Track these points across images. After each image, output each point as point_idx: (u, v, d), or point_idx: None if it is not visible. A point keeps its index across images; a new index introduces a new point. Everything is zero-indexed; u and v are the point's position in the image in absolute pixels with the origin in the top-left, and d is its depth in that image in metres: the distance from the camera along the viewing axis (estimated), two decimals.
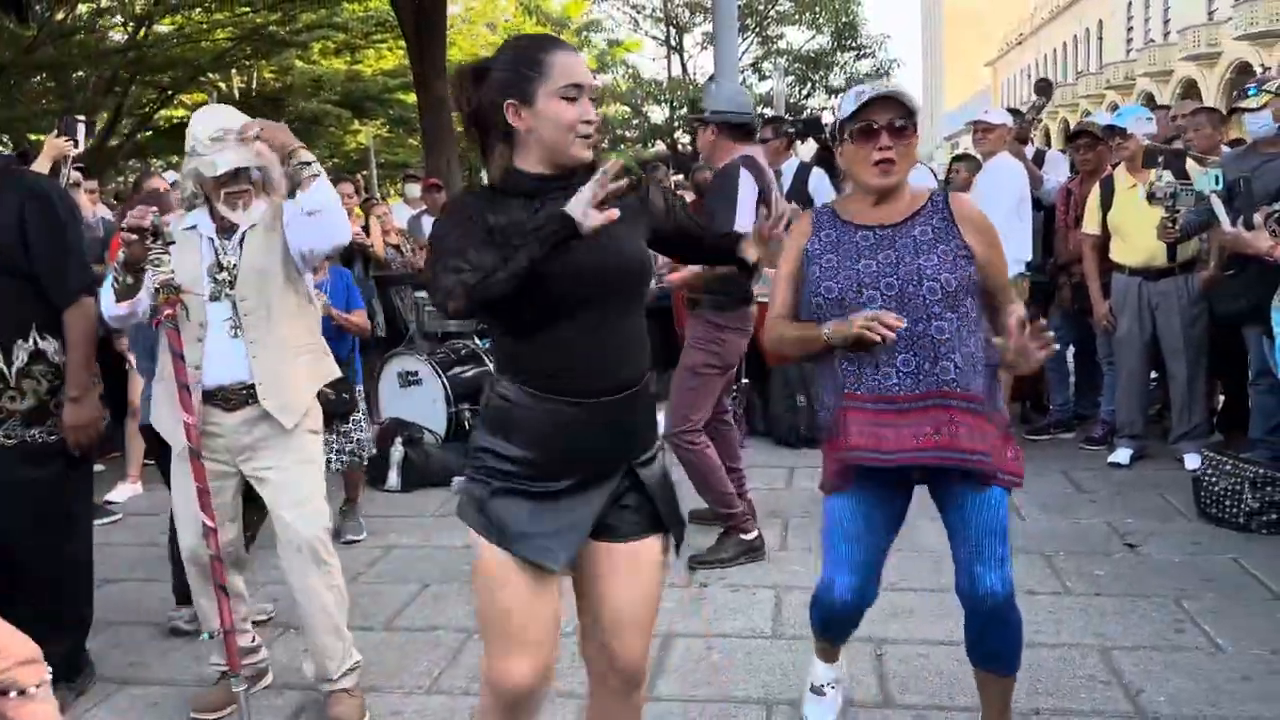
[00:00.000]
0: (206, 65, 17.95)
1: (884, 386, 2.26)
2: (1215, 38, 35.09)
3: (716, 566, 3.93)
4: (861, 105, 2.25)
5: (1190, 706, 2.77)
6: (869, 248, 2.30)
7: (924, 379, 2.23)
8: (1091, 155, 5.54)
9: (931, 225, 2.30)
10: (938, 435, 2.22)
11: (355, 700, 2.87)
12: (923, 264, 2.25)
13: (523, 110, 1.86)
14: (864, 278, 2.27)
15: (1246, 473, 4.16)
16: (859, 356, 2.26)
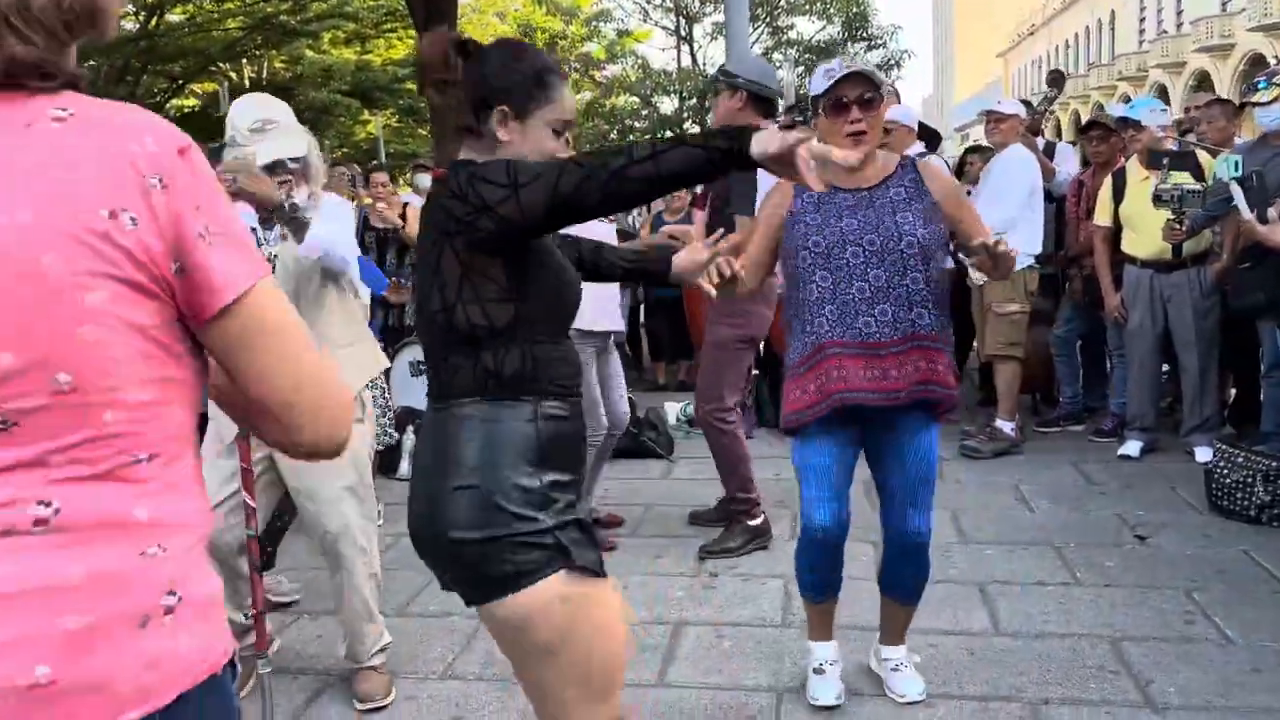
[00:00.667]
0: (217, 54, 17.98)
1: (865, 333, 2.51)
2: (1229, 29, 34.86)
3: (726, 556, 3.95)
4: (833, 83, 2.50)
5: (1200, 697, 2.78)
6: (850, 207, 2.56)
7: (900, 325, 2.51)
8: (1104, 147, 5.53)
9: (904, 187, 2.58)
10: (918, 373, 2.52)
11: (383, 678, 2.95)
12: (899, 221, 2.53)
13: (511, 122, 1.76)
14: (848, 234, 2.53)
15: (1258, 465, 4.16)
16: (842, 306, 2.52)
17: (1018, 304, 5.26)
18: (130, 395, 0.98)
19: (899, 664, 2.86)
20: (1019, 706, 2.76)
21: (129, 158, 0.97)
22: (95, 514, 0.97)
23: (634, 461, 5.39)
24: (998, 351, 5.34)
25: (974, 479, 4.91)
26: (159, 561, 1.01)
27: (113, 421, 0.97)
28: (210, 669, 1.05)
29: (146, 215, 0.97)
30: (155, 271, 0.98)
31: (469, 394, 1.70)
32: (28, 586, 0.94)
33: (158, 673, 0.99)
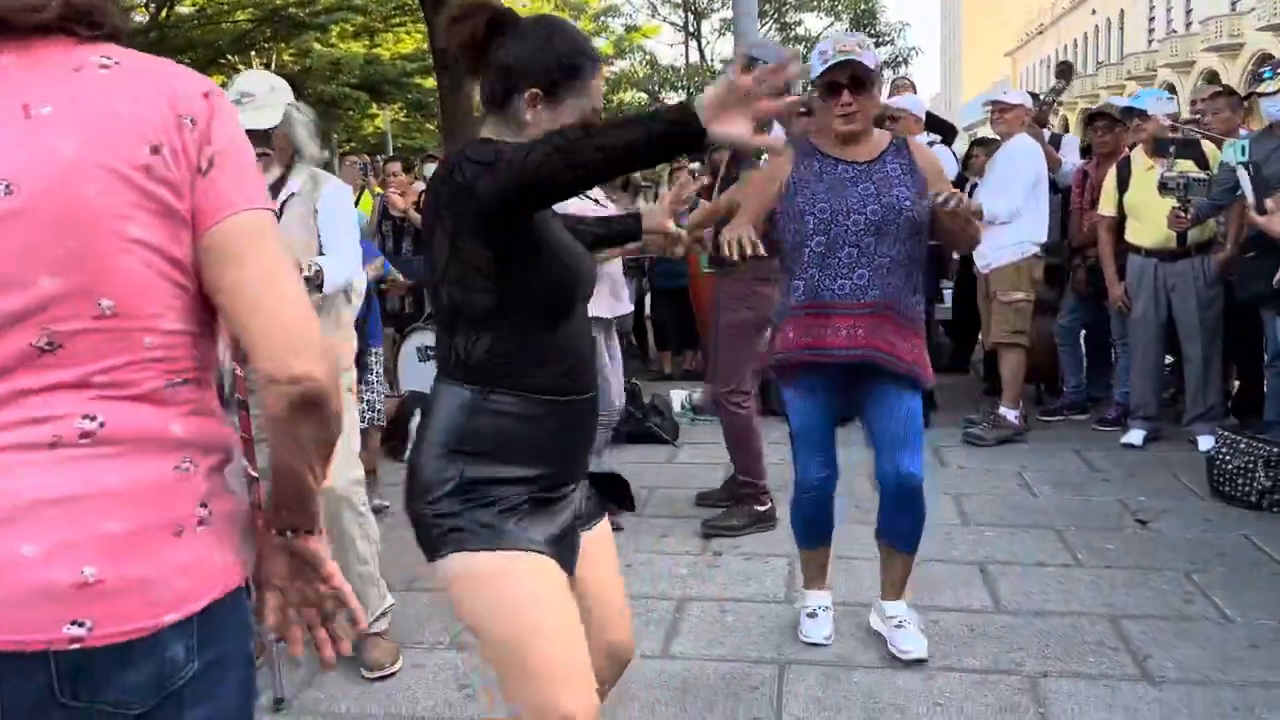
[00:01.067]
0: (226, 47, 18.04)
1: (839, 295, 2.72)
2: (1238, 28, 34.76)
3: (727, 534, 4.00)
4: (831, 65, 2.68)
5: (1197, 671, 2.81)
6: (850, 179, 2.75)
7: (869, 290, 2.71)
8: (1109, 137, 5.55)
9: (900, 164, 2.77)
10: (865, 337, 2.70)
11: (390, 645, 3.00)
12: (898, 195, 2.72)
13: (542, 104, 1.70)
14: (851, 203, 2.72)
15: (1260, 451, 4.19)
16: (821, 269, 2.73)
17: (1023, 293, 5.28)
18: (167, 323, 1.06)
19: (901, 620, 2.96)
20: (1018, 679, 2.80)
21: (167, 101, 1.07)
22: (136, 429, 1.05)
23: (640, 446, 5.43)
24: (1003, 339, 5.37)
25: (977, 465, 4.94)
26: (192, 476, 1.08)
27: (152, 346, 1.05)
28: (237, 581, 1.12)
29: (180, 150, 1.06)
30: (186, 203, 1.06)
31: (443, 372, 1.72)
32: (75, 493, 1.01)
33: (191, 579, 1.06)
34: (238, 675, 1.14)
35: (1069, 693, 2.72)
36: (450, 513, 1.66)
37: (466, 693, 2.83)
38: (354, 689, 2.88)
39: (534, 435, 1.69)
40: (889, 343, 2.72)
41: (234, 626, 1.12)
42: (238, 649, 1.14)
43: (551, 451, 1.72)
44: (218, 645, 1.09)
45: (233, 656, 1.12)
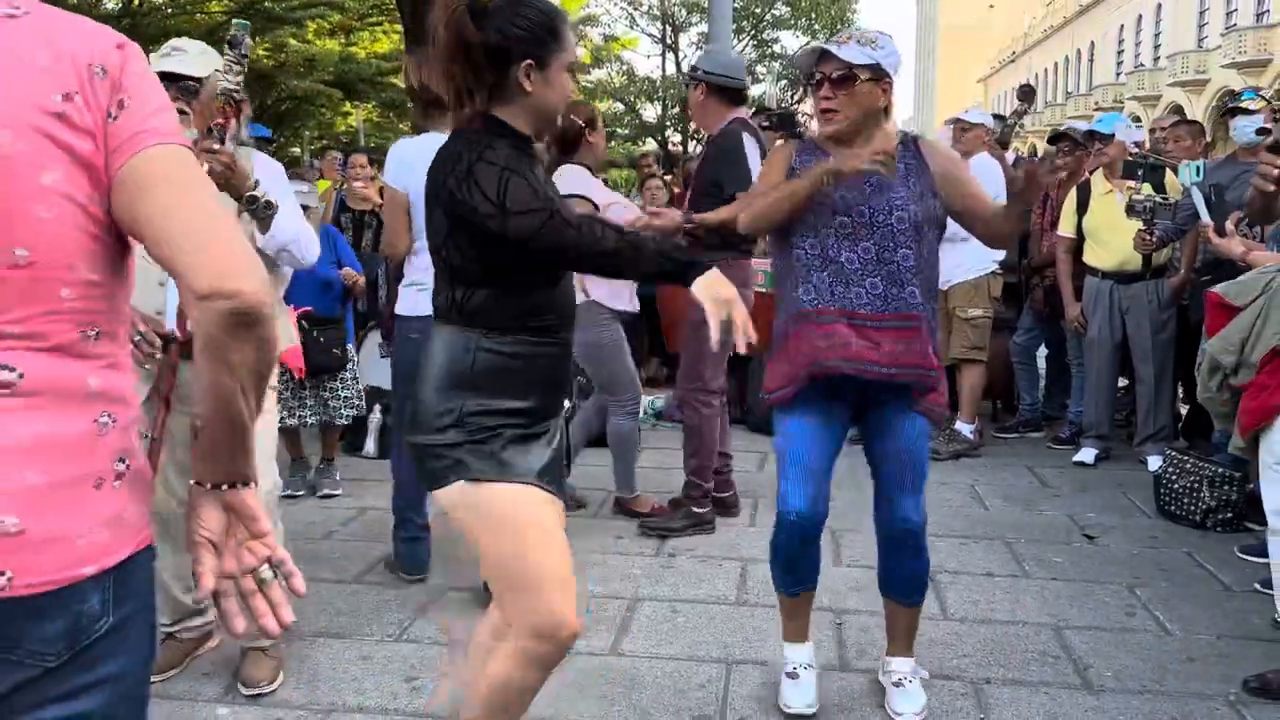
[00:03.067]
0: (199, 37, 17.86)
1: (854, 305, 2.46)
2: (1204, 64, 35.56)
3: (665, 535, 4.04)
4: (814, 60, 2.51)
5: (1135, 681, 2.86)
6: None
7: (891, 301, 2.46)
8: (1070, 159, 5.65)
9: (905, 163, 2.52)
10: (899, 352, 2.45)
11: (272, 660, 2.82)
12: (892, 196, 2.47)
13: (533, 74, 1.87)
14: (837, 204, 2.48)
15: (1205, 471, 4.27)
16: (829, 274, 2.47)
17: (981, 309, 5.36)
18: (83, 274, 1.05)
19: (903, 679, 2.69)
20: (961, 685, 2.84)
21: (77, 49, 1.06)
22: (55, 381, 1.04)
23: (602, 450, 5.42)
24: (962, 355, 5.44)
25: (931, 477, 4.86)
26: (110, 430, 1.08)
27: (69, 298, 1.04)
28: (149, 538, 1.12)
29: (90, 99, 1.05)
30: (99, 150, 1.05)
31: (441, 318, 1.92)
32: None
33: (111, 533, 1.06)
34: (144, 631, 1.13)
35: (1010, 699, 2.76)
36: (455, 443, 1.86)
37: (414, 685, 2.82)
38: (300, 678, 2.85)
39: (525, 373, 1.90)
40: (908, 355, 2.45)
41: (145, 584, 1.13)
42: (146, 606, 1.13)
43: (538, 386, 1.93)
44: (131, 601, 1.09)
45: (142, 614, 1.12)
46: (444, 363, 1.88)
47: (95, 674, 1.06)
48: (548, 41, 1.88)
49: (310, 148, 23.31)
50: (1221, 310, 3.29)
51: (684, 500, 4.15)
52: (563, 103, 1.94)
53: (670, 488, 4.73)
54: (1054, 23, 54.29)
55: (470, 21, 1.82)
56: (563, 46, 1.89)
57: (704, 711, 2.69)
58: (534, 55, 1.87)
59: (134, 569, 1.10)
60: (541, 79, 1.88)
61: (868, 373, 2.45)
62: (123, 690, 1.10)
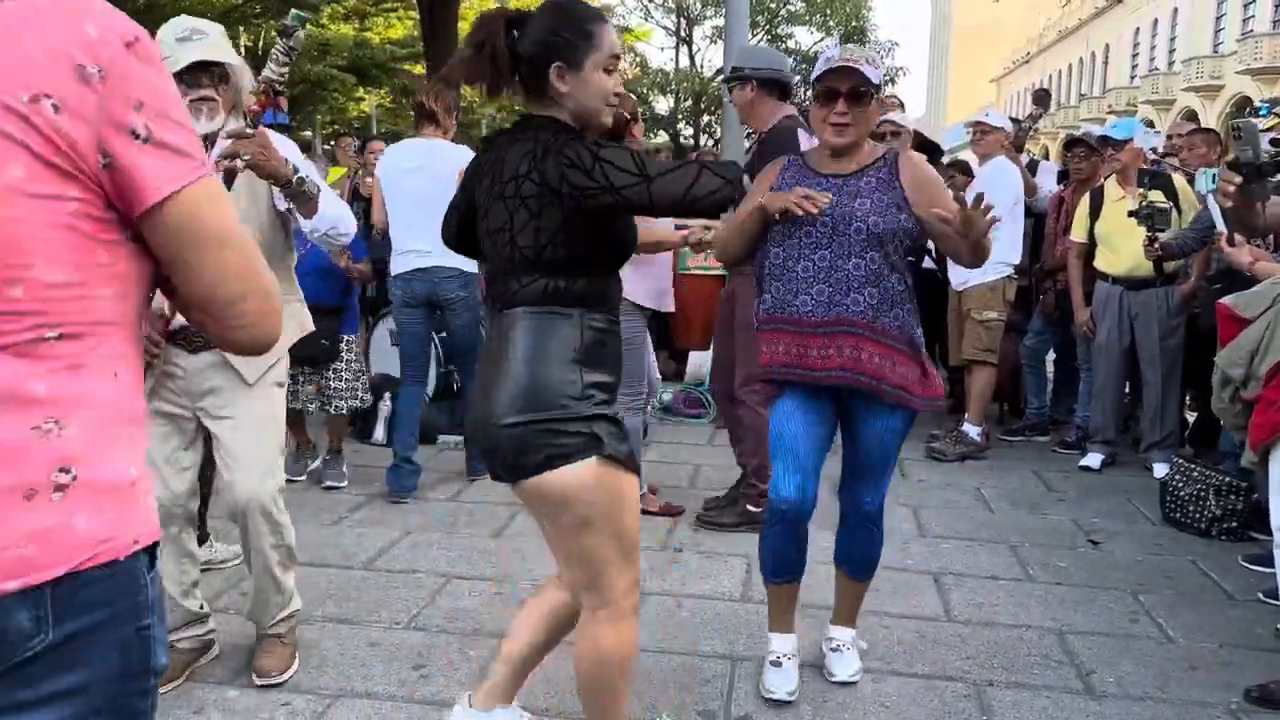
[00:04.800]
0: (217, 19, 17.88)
1: (801, 311, 2.59)
2: (1218, 70, 35.40)
3: (715, 529, 4.04)
4: (825, 72, 2.56)
5: (1138, 688, 2.88)
6: (821, 191, 2.59)
7: (834, 308, 2.57)
8: (1085, 164, 5.65)
9: (877, 177, 2.62)
10: (842, 358, 2.57)
11: (285, 649, 2.83)
12: (856, 207, 2.56)
13: (568, 75, 1.95)
14: (806, 216, 2.55)
15: (1212, 480, 4.28)
16: (783, 283, 2.61)
17: (996, 312, 5.37)
18: (45, 275, 0.98)
19: (840, 644, 2.90)
20: (963, 686, 2.85)
21: (66, 44, 0.96)
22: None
23: None
24: (974, 357, 5.45)
25: (937, 479, 5.01)
26: (52, 438, 1.00)
27: (22, 298, 0.97)
28: (112, 553, 1.03)
29: (75, 104, 0.96)
30: (76, 160, 0.98)
31: (531, 303, 1.97)
32: None
33: (40, 547, 0.98)
34: (113, 649, 1.05)
35: (1012, 702, 2.78)
36: (589, 416, 1.94)
37: (421, 672, 2.84)
38: (307, 663, 2.88)
39: (613, 346, 2.04)
40: (874, 365, 2.55)
41: (109, 599, 1.04)
42: (115, 621, 1.05)
43: (618, 360, 2.06)
44: (85, 616, 1.01)
45: (106, 629, 1.04)
46: (558, 342, 1.95)
47: (39, 690, 1.00)
48: (577, 43, 1.94)
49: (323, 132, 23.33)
50: (1232, 322, 3.29)
51: (740, 497, 4.13)
52: (602, 101, 1.98)
53: (677, 480, 4.77)
54: (1069, 24, 54.06)
55: (503, 35, 1.94)
56: (596, 46, 1.95)
57: (708, 706, 2.72)
58: (565, 58, 1.94)
59: (90, 584, 1.01)
60: (577, 80, 1.95)
61: (815, 379, 2.60)
62: (89, 705, 1.03)
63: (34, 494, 0.98)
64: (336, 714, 2.63)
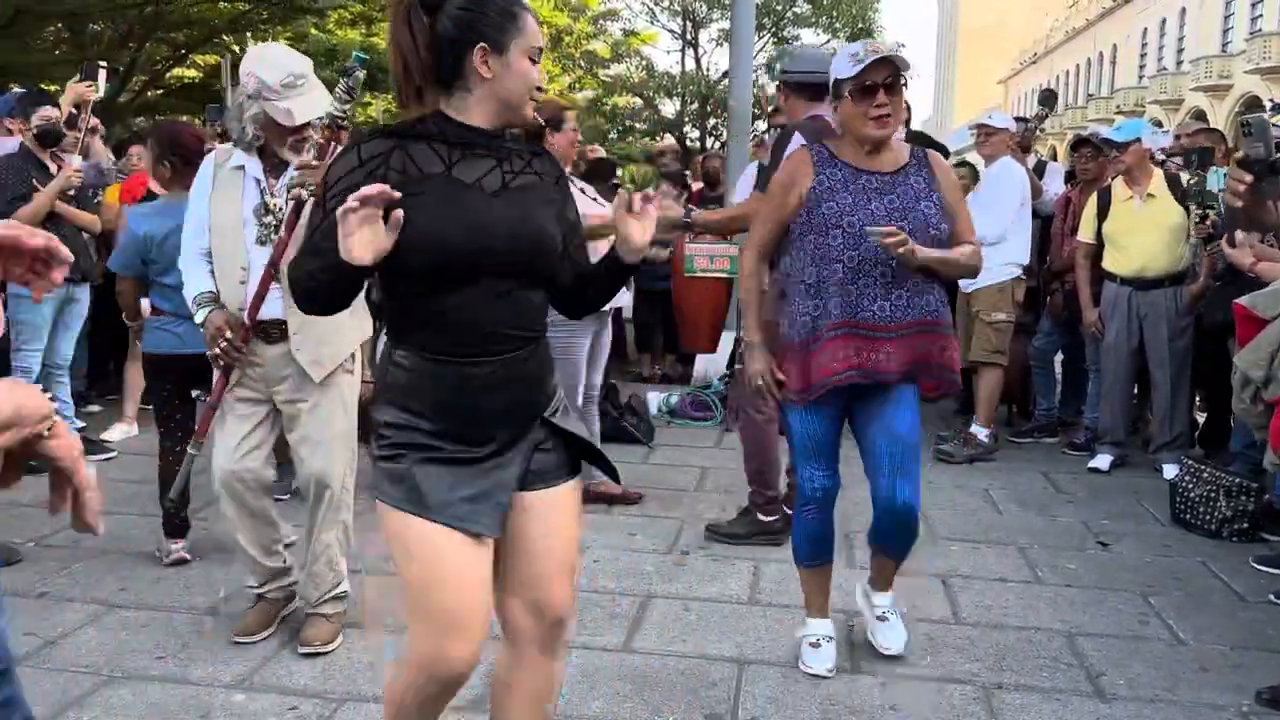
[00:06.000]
0: (222, 27, 17.93)
1: (879, 316, 2.62)
2: (1227, 69, 35.26)
3: (729, 541, 3.97)
4: (862, 69, 2.56)
5: (1148, 690, 2.86)
6: (875, 190, 2.64)
7: (912, 310, 2.64)
8: (1092, 165, 5.64)
9: (922, 177, 2.68)
10: (918, 354, 2.65)
11: (330, 626, 3.01)
12: (925, 210, 2.63)
13: (491, 59, 1.76)
14: (878, 216, 2.60)
15: (1223, 481, 4.26)
16: (863, 287, 2.62)
17: (1004, 313, 5.36)
18: None
19: (885, 612, 3.00)
20: (972, 689, 2.84)
21: None
22: None
23: (615, 446, 5.44)
24: (982, 359, 5.43)
25: (946, 481, 4.99)
26: None
27: None
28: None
29: None
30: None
31: None
32: None
33: None
34: None
35: (1021, 704, 2.76)
36: (381, 457, 1.80)
37: None
38: (314, 667, 2.88)
39: (433, 391, 1.77)
40: (926, 354, 2.68)
41: None
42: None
43: (454, 409, 1.78)
44: None
45: None
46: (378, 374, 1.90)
47: None
48: (504, 25, 1.76)
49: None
50: (1250, 322, 3.27)
51: (750, 508, 4.08)
52: (525, 89, 1.80)
53: (681, 485, 4.76)
54: (1076, 24, 53.92)
55: (421, 10, 1.75)
56: (521, 30, 1.77)
57: (716, 710, 2.71)
58: (489, 39, 1.75)
59: None
60: (500, 64, 1.76)
61: (887, 381, 2.66)
62: None
63: None
64: (343, 717, 2.63)
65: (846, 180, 2.64)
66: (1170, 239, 4.98)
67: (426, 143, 1.78)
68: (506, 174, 1.83)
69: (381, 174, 1.72)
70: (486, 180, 1.80)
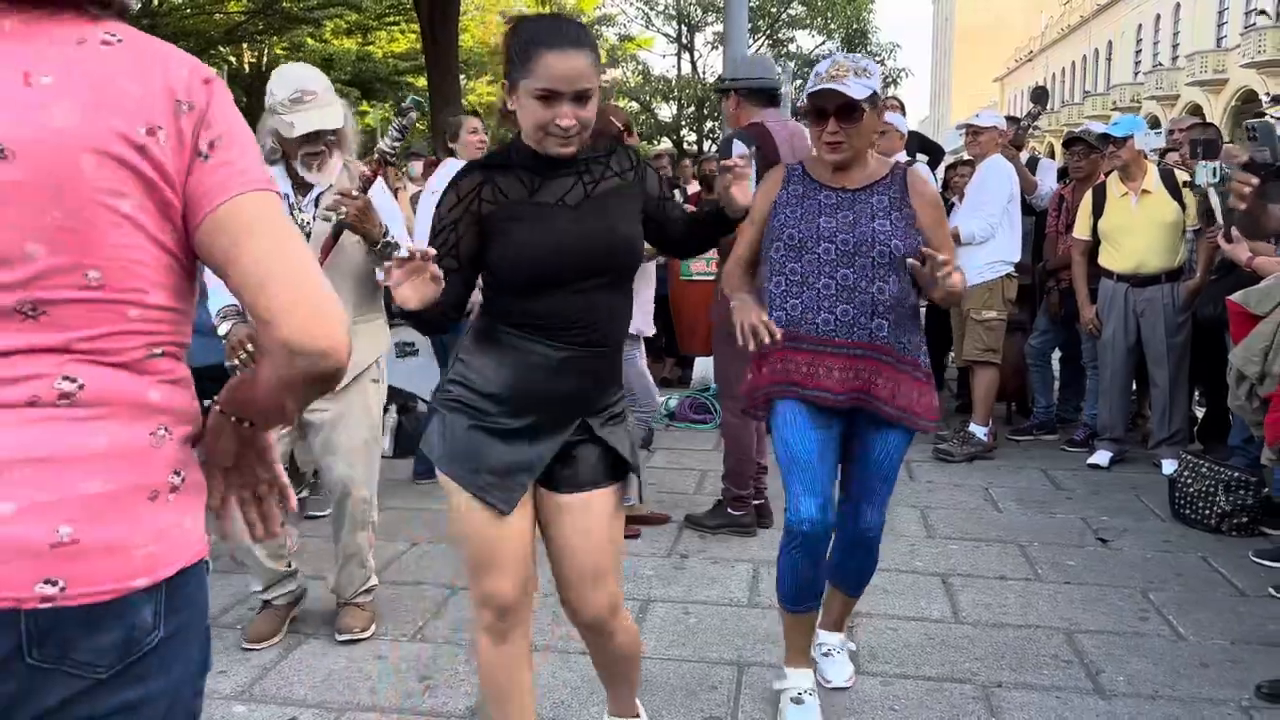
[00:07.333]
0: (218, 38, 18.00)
1: (823, 330, 2.52)
2: (1222, 64, 35.26)
3: (699, 530, 4.09)
4: (811, 92, 2.49)
5: (1148, 686, 2.86)
6: (831, 206, 2.56)
7: (857, 330, 2.50)
8: (1085, 162, 5.64)
9: (889, 195, 2.56)
10: (860, 381, 2.50)
11: (365, 613, 3.17)
12: (877, 228, 2.51)
13: (511, 94, 1.94)
14: (823, 231, 2.53)
15: (1222, 475, 4.26)
16: (802, 300, 2.53)
17: (995, 312, 5.36)
18: (152, 298, 1.08)
19: (830, 649, 2.89)
20: (972, 688, 2.84)
21: (167, 82, 1.07)
22: (115, 393, 1.06)
23: None
24: (975, 358, 5.44)
25: (945, 480, 4.99)
26: (166, 443, 1.10)
27: (136, 319, 1.07)
28: (201, 552, 1.13)
29: (174, 134, 1.06)
30: (173, 187, 1.07)
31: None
32: (53, 453, 1.01)
33: (164, 545, 1.07)
34: (195, 645, 1.13)
35: (1021, 703, 2.76)
36: (443, 400, 2.05)
37: (427, 684, 2.84)
38: (315, 677, 2.89)
39: (512, 359, 1.99)
40: (869, 385, 2.50)
41: (197, 597, 1.13)
42: (199, 619, 1.14)
43: (522, 382, 2.00)
44: (182, 613, 1.09)
45: (193, 627, 1.12)
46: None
47: (146, 687, 1.06)
48: (515, 64, 1.90)
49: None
50: (1243, 319, 3.28)
51: (724, 501, 4.16)
52: (533, 129, 1.91)
53: (682, 488, 4.77)
54: (1071, 22, 53.96)
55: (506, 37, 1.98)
56: (529, 72, 1.86)
57: (715, 713, 2.71)
58: (509, 76, 1.93)
59: (187, 581, 1.10)
60: (517, 101, 1.92)
61: (815, 398, 2.51)
62: (174, 702, 1.10)
63: (157, 494, 1.07)
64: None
65: (804, 195, 2.59)
66: (1166, 235, 4.98)
67: (513, 172, 1.99)
68: (588, 184, 2.01)
69: (476, 207, 1.97)
70: (570, 196, 1.99)
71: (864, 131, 2.52)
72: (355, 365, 3.01)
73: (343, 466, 3.05)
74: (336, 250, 2.94)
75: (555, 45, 1.86)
